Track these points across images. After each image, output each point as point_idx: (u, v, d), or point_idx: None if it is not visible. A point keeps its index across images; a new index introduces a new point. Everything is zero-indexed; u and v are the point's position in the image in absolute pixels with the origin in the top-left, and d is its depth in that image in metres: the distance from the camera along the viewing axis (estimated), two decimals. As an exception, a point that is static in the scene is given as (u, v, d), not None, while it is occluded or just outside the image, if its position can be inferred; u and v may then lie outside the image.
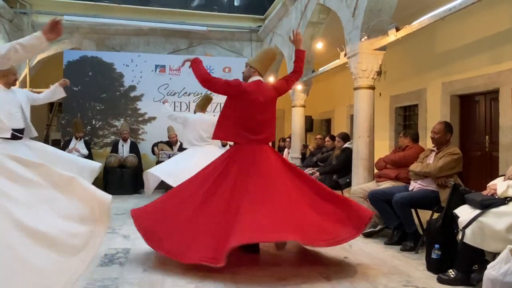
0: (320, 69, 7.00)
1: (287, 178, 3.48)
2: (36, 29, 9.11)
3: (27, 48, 2.49)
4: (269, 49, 4.00)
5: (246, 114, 3.50)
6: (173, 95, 8.75)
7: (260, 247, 3.71)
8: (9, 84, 4.43)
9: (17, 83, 4.64)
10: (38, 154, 4.36)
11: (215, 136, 3.69)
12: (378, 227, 4.41)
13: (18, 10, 8.78)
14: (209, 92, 5.67)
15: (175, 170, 5.52)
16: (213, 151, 5.88)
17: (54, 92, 4.85)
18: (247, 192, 3.24)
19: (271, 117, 3.69)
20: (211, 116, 6.82)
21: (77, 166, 4.71)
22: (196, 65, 3.59)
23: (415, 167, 4.06)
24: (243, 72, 3.81)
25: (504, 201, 2.81)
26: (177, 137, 7.96)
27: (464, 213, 2.95)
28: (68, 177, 2.13)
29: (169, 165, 5.94)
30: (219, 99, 8.24)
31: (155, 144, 8.07)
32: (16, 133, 4.28)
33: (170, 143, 8.06)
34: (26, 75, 8.92)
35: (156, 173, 5.77)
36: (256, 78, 3.64)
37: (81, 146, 7.76)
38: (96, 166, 4.95)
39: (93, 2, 9.51)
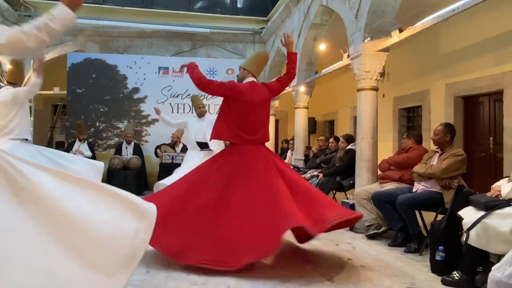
0: (323, 71, 6.99)
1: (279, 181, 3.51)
2: (40, 31, 9.16)
3: (60, 21, 1.98)
4: (262, 51, 4.08)
5: (242, 115, 3.56)
6: (176, 97, 8.77)
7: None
8: None
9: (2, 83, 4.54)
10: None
11: (213, 136, 3.73)
12: (382, 229, 4.40)
13: (22, 12, 8.82)
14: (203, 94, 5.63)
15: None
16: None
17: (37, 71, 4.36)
18: (244, 196, 3.31)
19: (266, 117, 3.76)
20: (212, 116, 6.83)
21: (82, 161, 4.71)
22: (191, 69, 3.64)
23: (418, 168, 4.05)
24: (237, 76, 3.88)
25: (508, 202, 2.80)
26: (178, 138, 7.99)
27: (468, 214, 2.94)
28: None
29: (181, 174, 5.97)
30: (219, 101, 8.30)
31: (158, 147, 8.09)
32: None
33: (173, 146, 8.08)
34: (30, 77, 8.97)
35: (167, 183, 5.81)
36: (250, 79, 3.71)
37: (84, 148, 7.78)
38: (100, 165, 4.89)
39: (96, 5, 9.55)
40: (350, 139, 5.89)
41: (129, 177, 7.58)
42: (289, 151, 8.72)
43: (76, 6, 2.05)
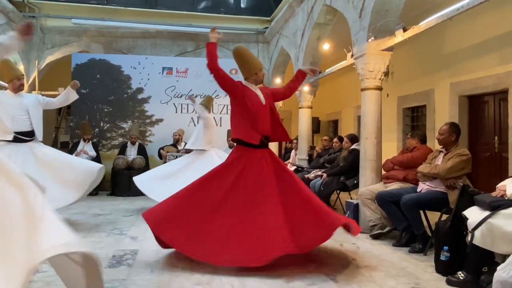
0: (327, 70, 6.97)
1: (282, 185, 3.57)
2: (44, 32, 9.21)
3: (7, 48, 2.58)
4: (235, 50, 3.94)
5: (251, 114, 3.59)
6: (180, 97, 8.79)
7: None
8: (16, 89, 4.59)
9: (25, 87, 4.79)
10: (38, 157, 4.47)
11: (234, 135, 3.75)
12: (386, 229, 4.39)
13: (27, 14, 8.87)
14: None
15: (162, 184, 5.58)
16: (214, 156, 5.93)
17: (67, 95, 4.94)
18: (260, 201, 3.39)
19: (274, 117, 3.77)
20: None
21: (79, 169, 4.74)
22: (211, 47, 3.65)
23: (423, 168, 4.03)
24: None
25: (514, 202, 2.78)
26: (180, 136, 8.03)
27: (473, 214, 2.92)
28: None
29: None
30: (226, 101, 8.31)
31: (161, 148, 8.11)
32: (20, 136, 4.41)
33: (175, 145, 8.11)
34: (35, 78, 9.01)
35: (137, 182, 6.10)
36: (250, 83, 3.76)
37: (89, 148, 7.83)
38: (96, 168, 4.87)
39: (100, 6, 9.58)
40: (354, 138, 5.87)
41: (134, 177, 7.60)
42: (293, 151, 8.71)
43: (27, 35, 2.56)
